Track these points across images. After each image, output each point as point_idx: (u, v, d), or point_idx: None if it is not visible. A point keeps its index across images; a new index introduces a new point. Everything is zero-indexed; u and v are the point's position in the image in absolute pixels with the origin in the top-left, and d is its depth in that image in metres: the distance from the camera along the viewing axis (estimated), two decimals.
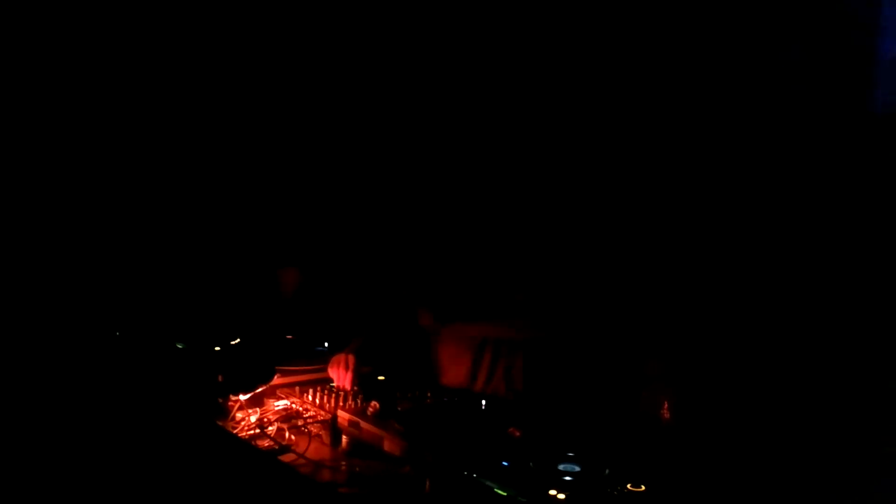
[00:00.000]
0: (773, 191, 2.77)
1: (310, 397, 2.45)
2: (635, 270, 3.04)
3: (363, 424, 2.19)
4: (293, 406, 2.46)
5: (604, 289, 3.04)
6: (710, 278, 2.88)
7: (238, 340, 2.78)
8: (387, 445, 2.10)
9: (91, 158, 3.85)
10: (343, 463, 2.16)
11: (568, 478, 1.80)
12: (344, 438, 2.25)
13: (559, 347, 2.86)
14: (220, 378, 2.49)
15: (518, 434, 2.09)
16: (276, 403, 2.49)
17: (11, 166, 3.69)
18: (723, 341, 2.78)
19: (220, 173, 4.03)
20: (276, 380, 2.58)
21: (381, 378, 2.63)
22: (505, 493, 1.71)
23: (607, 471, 1.82)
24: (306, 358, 2.82)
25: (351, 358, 2.56)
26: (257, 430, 2.33)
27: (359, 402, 2.35)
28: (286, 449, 2.22)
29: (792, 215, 2.73)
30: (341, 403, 2.35)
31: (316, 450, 2.23)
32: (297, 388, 2.53)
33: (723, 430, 2.50)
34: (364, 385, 2.52)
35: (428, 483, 1.91)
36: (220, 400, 2.46)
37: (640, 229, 3.05)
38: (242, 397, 2.46)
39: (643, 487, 1.77)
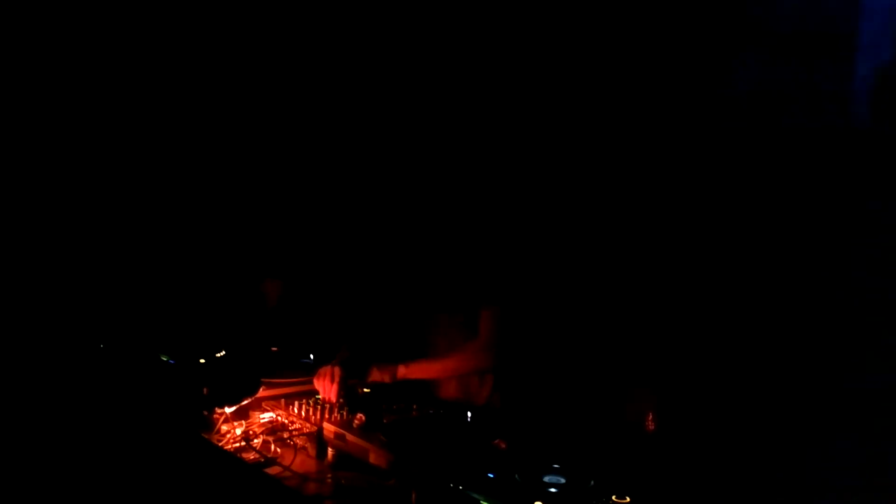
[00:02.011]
0: (755, 198, 2.81)
1: (295, 410, 2.45)
2: (619, 282, 3.06)
3: (349, 437, 2.19)
4: (279, 418, 2.45)
5: (586, 299, 3.07)
6: (693, 288, 2.91)
7: (223, 353, 2.78)
8: (373, 458, 2.11)
9: (77, 170, 3.84)
10: (329, 475, 2.16)
11: (553, 489, 1.81)
12: (330, 451, 2.25)
13: (540, 362, 2.88)
14: (205, 391, 2.49)
15: (504, 446, 2.10)
16: (261, 416, 2.48)
17: None
18: (707, 351, 2.81)
19: (205, 186, 4.03)
20: (262, 392, 2.57)
21: (366, 390, 2.63)
22: None
23: (592, 482, 1.83)
24: (291, 370, 2.81)
25: (337, 370, 2.56)
26: (243, 443, 2.32)
27: (344, 414, 2.35)
28: (272, 462, 2.22)
29: (774, 223, 2.77)
30: (327, 416, 2.35)
31: (301, 462, 2.22)
32: (282, 401, 2.53)
33: (707, 441, 2.52)
34: (350, 397, 2.52)
35: (414, 495, 1.91)
36: (206, 412, 2.46)
37: (624, 238, 3.08)
38: (228, 410, 2.45)
39: (628, 499, 1.78)
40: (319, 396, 2.54)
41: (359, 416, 2.26)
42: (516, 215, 3.11)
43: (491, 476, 1.86)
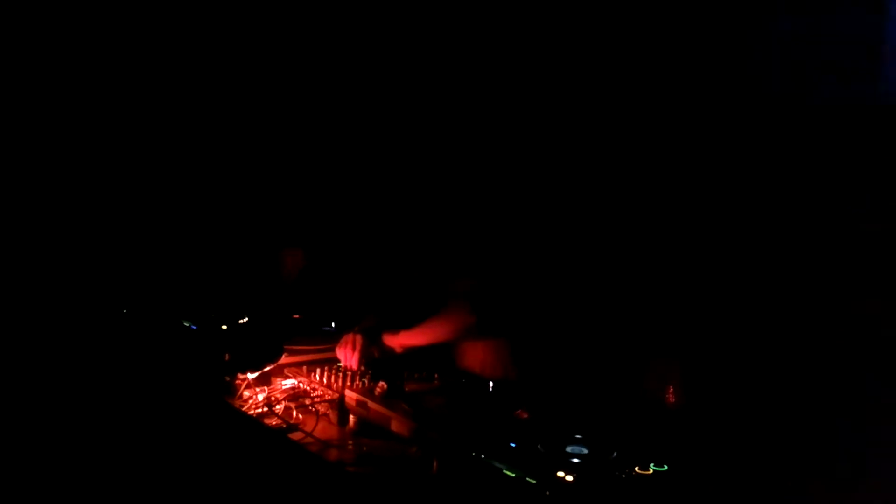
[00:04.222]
0: (786, 170, 2.77)
1: (317, 377, 2.46)
2: (638, 258, 3.04)
3: (371, 404, 2.20)
4: (301, 385, 2.47)
5: (609, 267, 3.05)
6: (712, 263, 2.89)
7: (246, 319, 2.79)
8: (394, 426, 2.11)
9: (100, 141, 3.86)
10: (350, 442, 2.17)
11: (576, 460, 1.81)
12: (351, 418, 2.26)
13: (560, 332, 2.86)
14: (226, 356, 2.50)
15: (525, 416, 2.10)
16: (283, 382, 2.50)
17: (24, 149, 3.70)
18: (731, 321, 2.79)
19: (229, 156, 4.04)
20: (284, 359, 2.59)
21: (388, 358, 2.63)
22: (513, 475, 1.72)
23: (615, 453, 1.83)
24: (313, 338, 2.82)
25: (359, 338, 2.57)
26: (265, 409, 2.34)
27: (366, 382, 2.36)
28: (294, 428, 2.23)
29: (808, 194, 2.73)
30: (349, 383, 2.36)
31: (323, 429, 2.24)
32: (304, 368, 2.54)
33: (731, 412, 2.51)
34: (371, 365, 2.52)
35: (436, 463, 1.91)
36: (228, 378, 2.47)
37: (650, 209, 3.05)
38: (250, 376, 2.47)
39: (651, 470, 1.78)
40: (341, 364, 2.55)
41: (381, 384, 2.26)
42: (541, 183, 3.09)
43: (513, 446, 1.86)
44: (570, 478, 1.71)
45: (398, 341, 2.63)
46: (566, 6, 3.22)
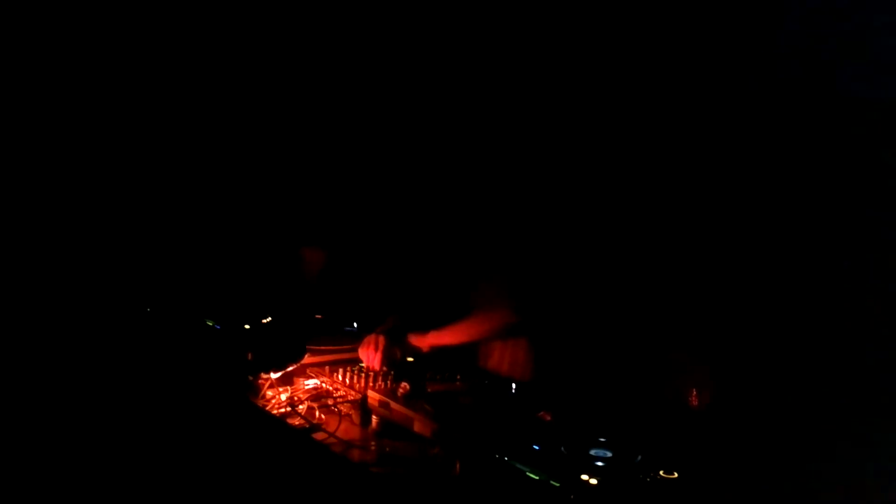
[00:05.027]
0: (809, 161, 2.74)
1: (340, 377, 2.46)
2: (659, 257, 3.02)
3: (393, 405, 2.20)
4: (323, 385, 2.47)
5: (627, 275, 3.03)
6: (733, 264, 2.86)
7: (269, 319, 2.80)
8: (417, 427, 2.11)
9: (126, 141, 3.90)
10: (373, 443, 2.17)
11: (600, 463, 1.80)
12: (374, 419, 2.26)
13: (583, 334, 2.85)
14: (249, 356, 2.51)
15: (549, 418, 2.09)
16: (306, 382, 2.50)
17: (54, 149, 3.75)
18: (748, 327, 2.76)
19: (253, 156, 4.06)
20: (307, 359, 2.59)
21: (410, 360, 2.63)
22: (537, 477, 1.71)
23: (639, 457, 1.82)
24: (335, 338, 2.83)
25: (381, 339, 2.57)
26: (288, 409, 2.35)
27: (389, 382, 2.36)
28: (316, 427, 2.24)
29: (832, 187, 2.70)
30: (371, 384, 2.36)
31: (346, 429, 2.24)
32: (326, 368, 2.55)
33: (755, 416, 2.49)
34: (394, 366, 2.52)
35: (458, 465, 1.91)
36: (251, 378, 2.48)
37: (671, 206, 3.03)
38: (273, 375, 2.48)
39: (675, 474, 1.76)
40: (363, 365, 2.56)
41: (403, 384, 2.26)
42: (562, 182, 3.08)
43: (536, 448, 1.85)
44: (594, 481, 1.70)
45: (428, 341, 2.63)
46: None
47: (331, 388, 2.44)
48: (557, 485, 1.68)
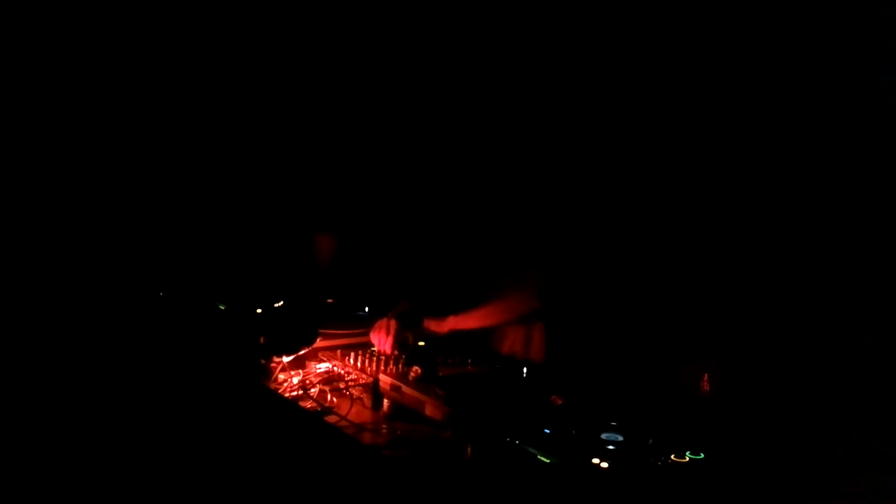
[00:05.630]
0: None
1: (351, 361, 2.47)
2: (676, 248, 3.01)
3: (405, 389, 2.20)
4: (335, 369, 2.48)
5: (644, 263, 3.02)
6: (746, 254, 2.84)
7: (281, 303, 2.81)
8: (428, 410, 2.12)
9: (136, 130, 3.91)
10: (384, 426, 2.18)
11: (611, 447, 1.80)
12: (385, 402, 2.27)
13: (596, 319, 2.85)
14: (261, 339, 2.52)
15: (560, 402, 2.09)
16: (318, 366, 2.51)
17: (70, 142, 3.77)
18: (761, 314, 2.75)
19: (265, 141, 4.06)
20: (318, 343, 2.60)
21: (421, 343, 2.64)
22: (548, 460, 1.72)
23: (651, 441, 1.82)
24: (347, 322, 2.84)
25: (392, 323, 2.58)
26: (300, 392, 2.36)
27: (400, 366, 2.36)
28: (328, 411, 2.25)
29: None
30: (383, 367, 2.37)
31: (357, 413, 2.25)
32: (338, 352, 2.56)
33: (767, 401, 2.48)
34: (405, 350, 2.53)
35: (469, 448, 1.92)
36: (263, 361, 2.50)
37: (684, 210, 3.02)
38: (286, 359, 2.49)
39: (687, 458, 1.76)
40: (375, 348, 2.56)
41: (414, 368, 2.26)
42: (580, 172, 3.07)
43: (547, 432, 1.86)
44: (605, 465, 1.70)
45: (448, 325, 2.64)
46: None
47: (342, 372, 2.45)
48: (569, 468, 1.68)
